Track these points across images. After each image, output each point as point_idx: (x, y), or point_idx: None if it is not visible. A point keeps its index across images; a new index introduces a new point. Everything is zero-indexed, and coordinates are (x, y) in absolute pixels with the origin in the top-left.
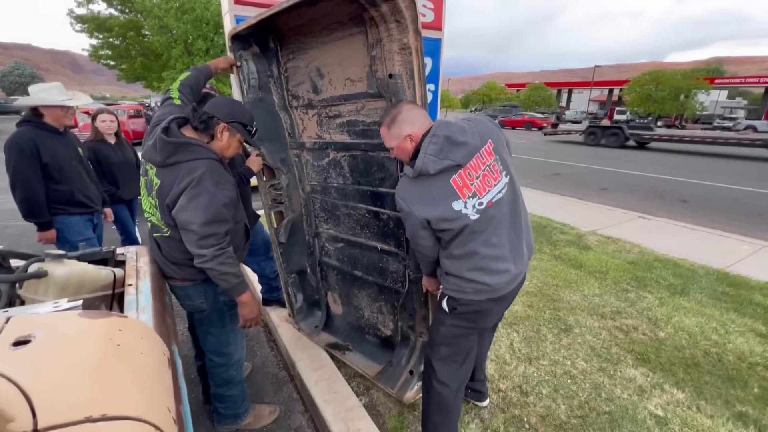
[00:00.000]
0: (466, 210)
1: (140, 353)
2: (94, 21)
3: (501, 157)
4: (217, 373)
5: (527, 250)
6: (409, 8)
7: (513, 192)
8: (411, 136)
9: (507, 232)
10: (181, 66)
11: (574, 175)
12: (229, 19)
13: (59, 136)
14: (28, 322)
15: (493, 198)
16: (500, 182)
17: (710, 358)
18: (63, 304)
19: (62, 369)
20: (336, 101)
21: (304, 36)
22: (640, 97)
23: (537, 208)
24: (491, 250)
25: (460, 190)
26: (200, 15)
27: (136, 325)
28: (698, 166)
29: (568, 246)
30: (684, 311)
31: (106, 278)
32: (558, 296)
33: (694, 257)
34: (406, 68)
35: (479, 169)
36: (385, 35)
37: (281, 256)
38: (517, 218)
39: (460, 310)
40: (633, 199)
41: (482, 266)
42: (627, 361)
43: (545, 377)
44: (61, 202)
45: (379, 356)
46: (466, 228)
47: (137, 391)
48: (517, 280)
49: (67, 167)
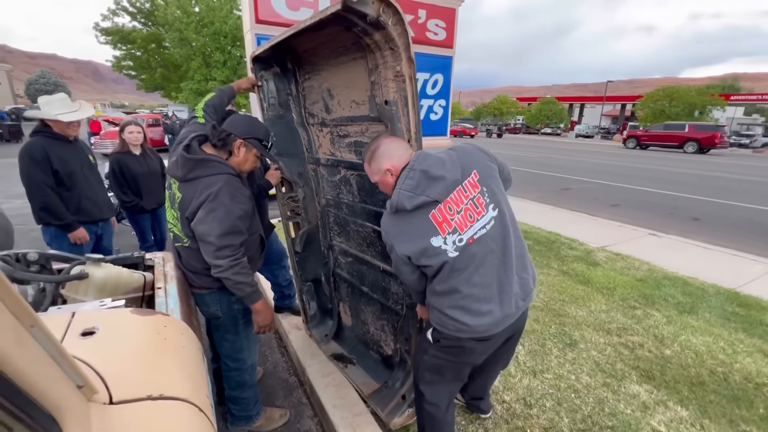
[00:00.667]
0: (446, 246)
1: (183, 347)
2: (118, 33)
3: (488, 189)
4: (231, 377)
5: (521, 290)
6: (402, 36)
7: (502, 226)
8: (390, 170)
9: (494, 270)
10: (199, 77)
11: (585, 190)
12: (250, 37)
13: (68, 144)
14: (89, 316)
15: (476, 234)
16: (484, 216)
17: (716, 377)
18: (108, 303)
19: (124, 356)
20: (344, 121)
21: (316, 58)
22: (654, 113)
23: (545, 222)
24: (473, 289)
25: (439, 226)
26: (219, 29)
27: (177, 323)
28: (713, 184)
29: (576, 262)
30: (692, 330)
31: (137, 281)
32: (564, 311)
33: (704, 276)
34: (401, 95)
35: (461, 203)
36: (381, 62)
37: (297, 265)
38: (507, 255)
39: (443, 343)
40: (644, 216)
41: (462, 305)
42: (631, 377)
43: (549, 390)
44: (68, 210)
45: (378, 374)
46: (446, 265)
47: (184, 378)
48: (506, 323)
49: (76, 174)
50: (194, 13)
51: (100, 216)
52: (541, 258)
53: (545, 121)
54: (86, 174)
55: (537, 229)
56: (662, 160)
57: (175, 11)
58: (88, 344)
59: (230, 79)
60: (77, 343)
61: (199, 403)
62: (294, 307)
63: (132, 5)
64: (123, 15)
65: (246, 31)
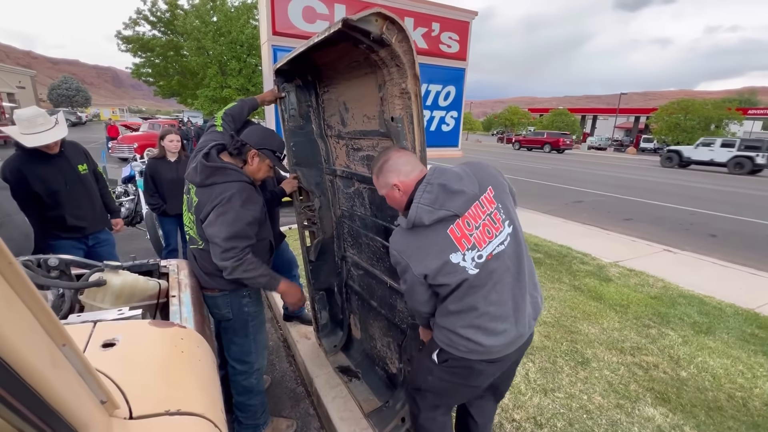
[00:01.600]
0: (465, 263)
1: (198, 360)
2: (138, 41)
3: (503, 205)
4: (238, 381)
5: (532, 309)
6: (407, 54)
7: (516, 243)
8: (398, 185)
9: (510, 288)
10: (214, 84)
11: (597, 203)
12: (267, 49)
13: (51, 159)
14: (109, 327)
15: (494, 250)
16: (502, 233)
17: (734, 402)
18: (126, 311)
19: (143, 369)
20: (357, 135)
21: (334, 71)
22: (668, 126)
23: (557, 235)
24: (491, 307)
25: (458, 242)
26: (235, 38)
27: (193, 335)
28: (731, 200)
29: (588, 277)
30: (708, 351)
31: (152, 289)
32: (576, 328)
33: (721, 295)
34: (407, 112)
35: (479, 218)
36: (388, 78)
37: (310, 273)
38: (521, 273)
39: (452, 364)
40: (658, 231)
41: (479, 324)
42: (646, 399)
43: (560, 410)
44: (52, 228)
45: (381, 392)
46: (465, 283)
47: (200, 393)
48: (517, 344)
49: (61, 191)
50: (212, 23)
51: (92, 229)
52: (552, 272)
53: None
54: (72, 190)
55: (548, 243)
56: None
57: (194, 21)
58: (108, 356)
59: (244, 86)
60: (98, 355)
61: (215, 418)
62: (303, 316)
63: (153, 14)
64: (144, 24)
65: (263, 42)
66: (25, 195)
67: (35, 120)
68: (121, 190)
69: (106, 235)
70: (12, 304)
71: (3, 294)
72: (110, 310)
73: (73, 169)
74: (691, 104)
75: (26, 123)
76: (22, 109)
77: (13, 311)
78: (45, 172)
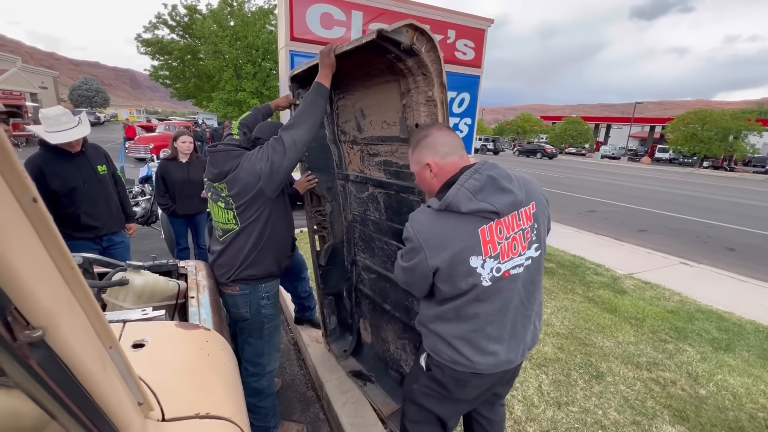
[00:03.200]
0: (482, 271)
1: (224, 363)
2: (157, 45)
3: (538, 227)
4: (249, 383)
5: (531, 340)
6: (434, 63)
7: (536, 271)
8: (431, 165)
9: (513, 313)
10: (229, 87)
11: (611, 213)
12: (284, 54)
13: (71, 158)
14: (138, 328)
15: (512, 270)
16: (526, 254)
17: (756, 423)
18: (149, 312)
19: (172, 371)
20: (375, 141)
21: (351, 78)
22: (685, 136)
23: (570, 245)
24: (489, 326)
25: (485, 245)
26: (251, 42)
27: (217, 338)
28: (749, 213)
29: (603, 288)
30: (728, 369)
31: (172, 290)
32: (590, 340)
33: (741, 311)
34: (432, 119)
35: (512, 229)
36: (413, 86)
37: (320, 278)
38: (531, 302)
39: (435, 372)
40: (674, 243)
41: (470, 338)
42: (663, 416)
43: (574, 425)
44: (66, 226)
45: (397, 394)
46: (472, 292)
47: (227, 397)
48: (503, 368)
49: (78, 189)
50: (229, 27)
51: (106, 230)
52: (565, 282)
53: (570, 141)
54: (90, 189)
55: (561, 252)
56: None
57: (211, 25)
58: (139, 357)
59: (259, 90)
60: (130, 356)
61: (241, 422)
62: (314, 320)
63: (172, 18)
64: (163, 28)
65: (281, 47)
66: (41, 192)
67: (60, 119)
68: (138, 189)
69: (121, 238)
70: (73, 308)
71: (66, 298)
72: (133, 309)
73: (92, 169)
74: (709, 114)
75: (51, 121)
76: (47, 108)
77: (74, 315)
78: (64, 169)
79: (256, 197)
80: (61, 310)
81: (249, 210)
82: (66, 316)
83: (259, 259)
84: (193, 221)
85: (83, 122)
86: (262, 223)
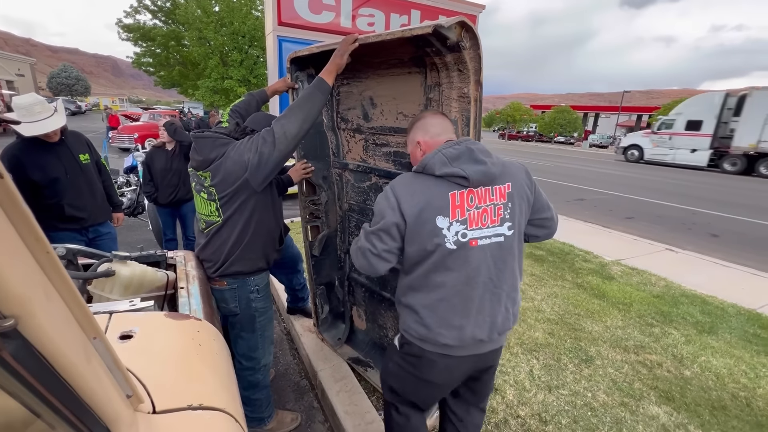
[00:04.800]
0: (447, 233)
1: (216, 353)
2: (139, 30)
3: (513, 208)
4: (244, 376)
5: (502, 322)
6: (474, 60)
7: (507, 250)
8: (421, 143)
9: (482, 288)
10: (215, 75)
11: (599, 201)
12: (272, 40)
13: (51, 148)
14: (125, 319)
15: (480, 240)
16: (496, 228)
17: (738, 402)
18: (137, 302)
19: (162, 362)
20: (386, 131)
21: (361, 65)
22: None
23: (559, 233)
24: (455, 298)
25: (452, 208)
26: (237, 29)
27: (209, 328)
28: (731, 200)
29: (591, 275)
30: (712, 351)
31: (160, 280)
32: (579, 326)
33: (723, 295)
34: (463, 116)
35: (484, 201)
36: (445, 81)
37: (312, 268)
38: (500, 280)
39: (405, 350)
40: (660, 230)
41: (436, 308)
42: (650, 397)
43: (565, 407)
44: (50, 218)
45: None
46: (437, 253)
47: (220, 387)
48: (471, 349)
49: (60, 180)
50: (214, 13)
51: (92, 221)
52: (555, 270)
53: (559, 130)
54: (72, 179)
55: (550, 240)
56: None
57: (195, 10)
58: (127, 349)
59: (246, 77)
60: (117, 348)
61: (235, 413)
62: (307, 309)
63: (154, 3)
64: (145, 13)
65: (268, 33)
66: (21, 184)
67: (33, 108)
68: (123, 180)
69: (108, 228)
70: (50, 295)
71: (41, 284)
72: (121, 300)
73: (73, 158)
74: None
75: (24, 111)
76: (20, 97)
77: (51, 302)
78: (44, 160)
79: (241, 189)
80: (35, 297)
81: (232, 202)
82: (42, 304)
83: (245, 254)
84: (179, 212)
85: (59, 111)
86: (246, 217)
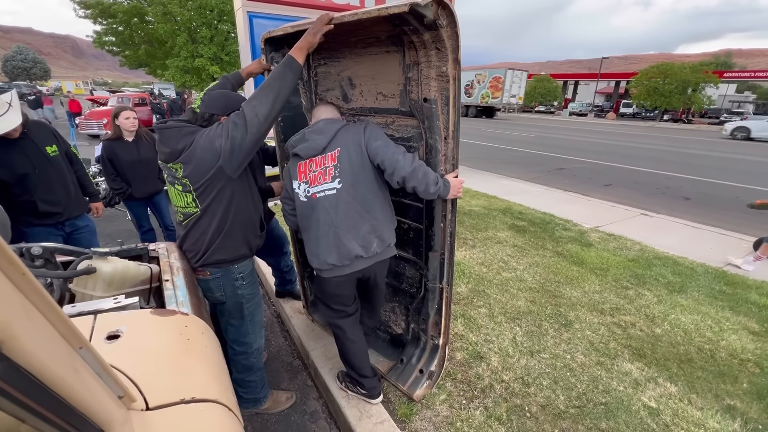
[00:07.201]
0: (299, 191)
1: (205, 346)
2: (97, 6)
3: (343, 166)
4: (238, 360)
5: (347, 250)
6: (451, 38)
7: (340, 199)
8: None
9: (326, 228)
10: (185, 53)
11: (578, 169)
12: (241, 15)
13: (14, 143)
14: (111, 318)
15: (318, 194)
16: (327, 185)
17: (703, 354)
18: (122, 300)
19: (152, 360)
20: (366, 112)
21: (338, 45)
22: (647, 90)
23: (540, 203)
24: (309, 234)
25: (299, 174)
26: (204, 2)
27: (197, 322)
28: (703, 163)
29: (571, 243)
30: (681, 309)
31: (144, 274)
32: (559, 292)
33: (693, 255)
34: (442, 94)
35: (320, 166)
36: (423, 60)
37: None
38: (338, 220)
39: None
40: (636, 196)
41: (307, 242)
42: (624, 356)
43: (546, 370)
44: (23, 214)
45: (389, 353)
46: (296, 204)
47: (212, 379)
48: (334, 271)
49: (29, 176)
50: None
51: (67, 215)
52: (536, 239)
53: (539, 99)
54: (42, 174)
55: (532, 210)
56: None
57: None
58: (115, 349)
59: (217, 55)
60: (105, 349)
61: (228, 402)
62: (295, 292)
63: None
64: None
65: (237, 8)
66: None
67: None
68: (96, 169)
69: (85, 222)
70: (30, 314)
71: (21, 305)
72: (105, 298)
73: (40, 152)
74: (670, 68)
75: None
76: None
77: (32, 321)
78: (8, 157)
79: (216, 177)
80: (16, 320)
81: (209, 192)
82: (23, 325)
83: (226, 243)
84: (152, 202)
85: (13, 107)
86: (225, 205)
